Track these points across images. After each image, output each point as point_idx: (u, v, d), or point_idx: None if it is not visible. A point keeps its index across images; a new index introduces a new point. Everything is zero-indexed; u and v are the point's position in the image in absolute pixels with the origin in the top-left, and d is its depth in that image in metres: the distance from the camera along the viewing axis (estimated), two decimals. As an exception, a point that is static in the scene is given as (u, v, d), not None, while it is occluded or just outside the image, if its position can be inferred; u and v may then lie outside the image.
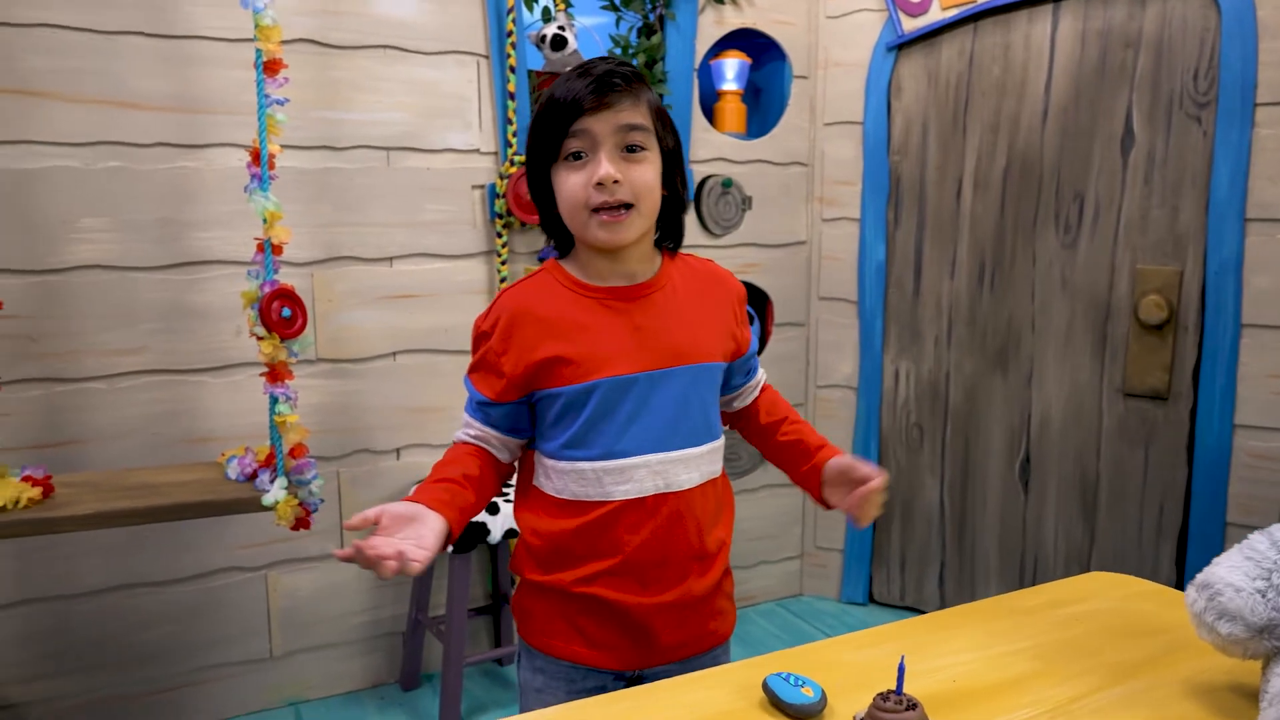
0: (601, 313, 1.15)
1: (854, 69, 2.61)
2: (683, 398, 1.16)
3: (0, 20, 1.79)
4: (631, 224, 1.11)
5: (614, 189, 1.08)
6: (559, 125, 1.09)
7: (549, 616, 1.19)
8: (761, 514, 2.78)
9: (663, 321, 1.16)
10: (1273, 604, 0.89)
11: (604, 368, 1.13)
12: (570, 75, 1.10)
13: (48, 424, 1.91)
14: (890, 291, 2.68)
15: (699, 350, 1.17)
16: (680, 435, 1.16)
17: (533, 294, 1.17)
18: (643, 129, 1.10)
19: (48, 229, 1.88)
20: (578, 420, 1.14)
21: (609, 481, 1.14)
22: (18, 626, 1.94)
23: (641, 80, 1.12)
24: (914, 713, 0.80)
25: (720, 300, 1.23)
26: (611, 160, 1.09)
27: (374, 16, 2.11)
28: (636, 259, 1.17)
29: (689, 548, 1.18)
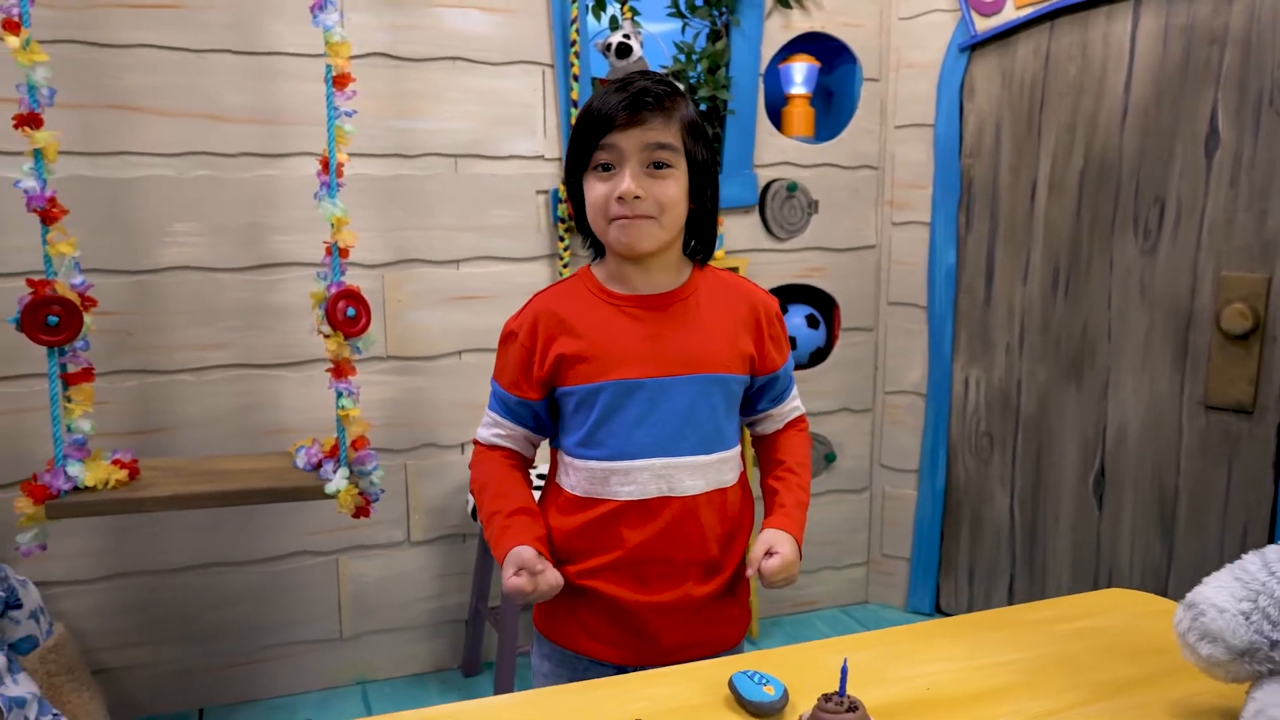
0: (620, 318, 1.20)
1: (926, 70, 2.57)
2: (691, 406, 1.20)
3: (104, 42, 1.96)
4: (649, 232, 1.16)
5: (635, 204, 1.14)
6: (591, 137, 1.16)
7: (557, 606, 1.24)
8: (826, 518, 2.77)
9: (680, 331, 1.21)
10: (1256, 627, 0.86)
11: (614, 370, 1.18)
12: (609, 89, 1.16)
13: (141, 412, 2.08)
14: (961, 297, 2.62)
15: (712, 361, 1.21)
16: (687, 442, 1.20)
17: (560, 297, 1.25)
18: (670, 147, 1.15)
19: (144, 233, 2.04)
20: (588, 419, 1.20)
21: (614, 481, 1.19)
22: (113, 598, 2.11)
23: (677, 97, 1.17)
24: (854, 714, 0.81)
25: (744, 315, 1.25)
26: (635, 176, 1.14)
27: (444, 30, 2.20)
28: (660, 267, 1.22)
29: (692, 553, 1.21)
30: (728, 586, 1.25)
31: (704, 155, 1.22)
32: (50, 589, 2.04)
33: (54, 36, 1.89)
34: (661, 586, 1.19)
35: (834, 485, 2.76)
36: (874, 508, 2.82)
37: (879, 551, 2.83)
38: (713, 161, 1.25)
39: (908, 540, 2.78)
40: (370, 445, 1.94)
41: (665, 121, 1.15)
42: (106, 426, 2.01)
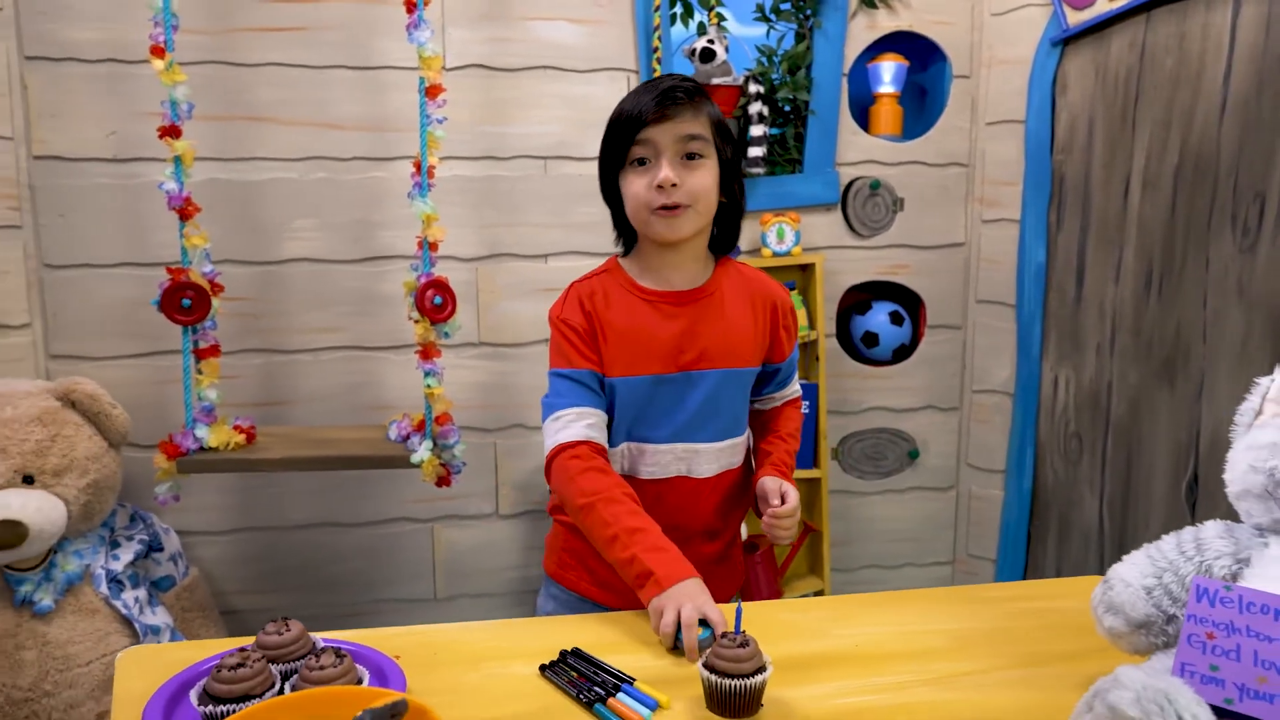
0: (653, 316, 1.30)
1: (1017, 66, 2.54)
2: (713, 398, 1.30)
3: (239, 62, 2.24)
4: (687, 220, 1.25)
5: (672, 191, 1.23)
6: (626, 135, 1.25)
7: (567, 551, 1.38)
8: (909, 515, 2.77)
9: (707, 326, 1.30)
10: (1156, 601, 0.89)
11: (648, 365, 1.28)
12: (638, 90, 1.27)
13: (264, 387, 2.36)
14: (1050, 296, 2.58)
15: (734, 356, 1.31)
16: (706, 431, 1.31)
17: (599, 290, 1.34)
18: (701, 139, 1.24)
19: (269, 229, 2.31)
20: (620, 408, 1.30)
21: (639, 462, 1.31)
22: (240, 549, 2.41)
23: (702, 94, 1.27)
24: (745, 649, 0.90)
25: (764, 309, 1.35)
26: (672, 165, 1.23)
27: (536, 41, 2.37)
28: (691, 257, 1.31)
29: (699, 523, 1.33)
30: (725, 549, 1.36)
31: (730, 153, 1.31)
32: (187, 537, 2.35)
33: (197, 58, 2.18)
34: None
35: (918, 482, 2.76)
36: (960, 507, 2.81)
37: (964, 551, 2.81)
38: (738, 160, 1.34)
39: (993, 541, 2.75)
40: (454, 421, 2.13)
41: (694, 115, 1.24)
42: (236, 397, 2.29)
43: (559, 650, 1.03)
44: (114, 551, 2.11)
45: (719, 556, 1.38)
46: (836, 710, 0.92)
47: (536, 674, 0.99)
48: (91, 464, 2.02)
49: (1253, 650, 0.82)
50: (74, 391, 2.03)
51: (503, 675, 0.99)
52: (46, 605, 1.95)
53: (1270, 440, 0.91)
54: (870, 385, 2.70)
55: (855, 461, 2.73)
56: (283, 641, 0.94)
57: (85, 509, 2.01)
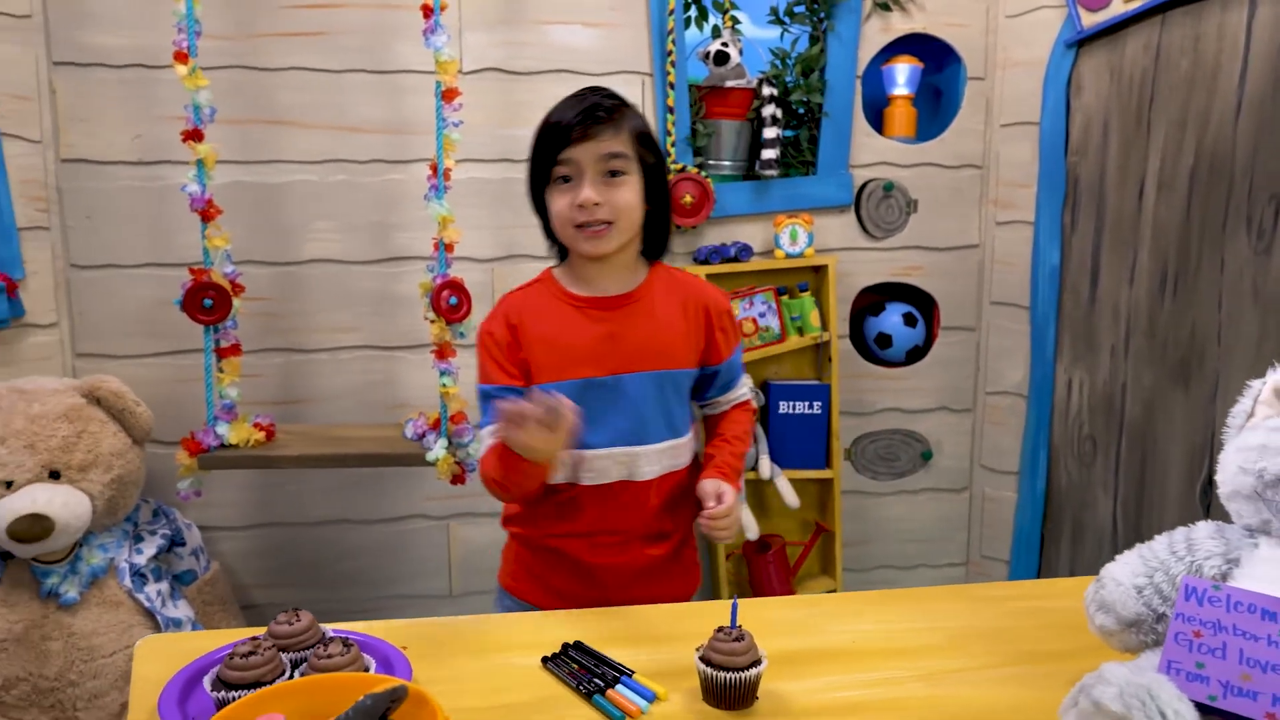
0: (581, 320, 1.32)
1: (1032, 68, 2.54)
2: (649, 399, 1.33)
3: (260, 66, 2.29)
4: (611, 237, 1.29)
5: (594, 210, 1.26)
6: (549, 153, 1.29)
7: (519, 564, 1.42)
8: (922, 516, 2.78)
9: (637, 329, 1.32)
10: (1146, 600, 0.91)
11: (576, 368, 1.30)
12: (563, 106, 1.29)
13: (284, 385, 2.40)
14: (1065, 297, 2.57)
15: (667, 357, 1.34)
16: (645, 433, 1.33)
17: (527, 300, 1.38)
18: (622, 156, 1.27)
19: (289, 230, 2.35)
20: None
21: (580, 469, 1.33)
22: (258, 544, 2.45)
23: (625, 109, 1.29)
24: (741, 643, 0.92)
25: (696, 312, 1.37)
26: (593, 185, 1.26)
27: (551, 45, 2.40)
28: (620, 267, 1.34)
29: (644, 527, 1.36)
30: (675, 550, 1.40)
31: (654, 160, 1.33)
32: (209, 532, 2.40)
33: (220, 63, 2.22)
34: (616, 553, 1.34)
35: (931, 484, 2.77)
36: (973, 508, 2.81)
37: (978, 553, 2.81)
38: (663, 165, 1.36)
39: (1007, 543, 2.75)
40: (469, 420, 2.16)
41: (615, 132, 1.27)
42: (256, 396, 2.34)
43: (561, 643, 1.05)
44: (137, 545, 2.17)
45: (669, 558, 1.41)
46: (830, 704, 0.94)
47: (539, 666, 1.02)
48: (116, 460, 2.07)
49: (1238, 649, 0.83)
50: (99, 389, 2.08)
51: (506, 666, 1.02)
52: (72, 597, 2.00)
53: (1260, 442, 0.92)
54: (884, 386, 2.70)
55: (869, 462, 2.74)
56: (293, 631, 0.97)
57: (110, 504, 2.06)
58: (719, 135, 2.52)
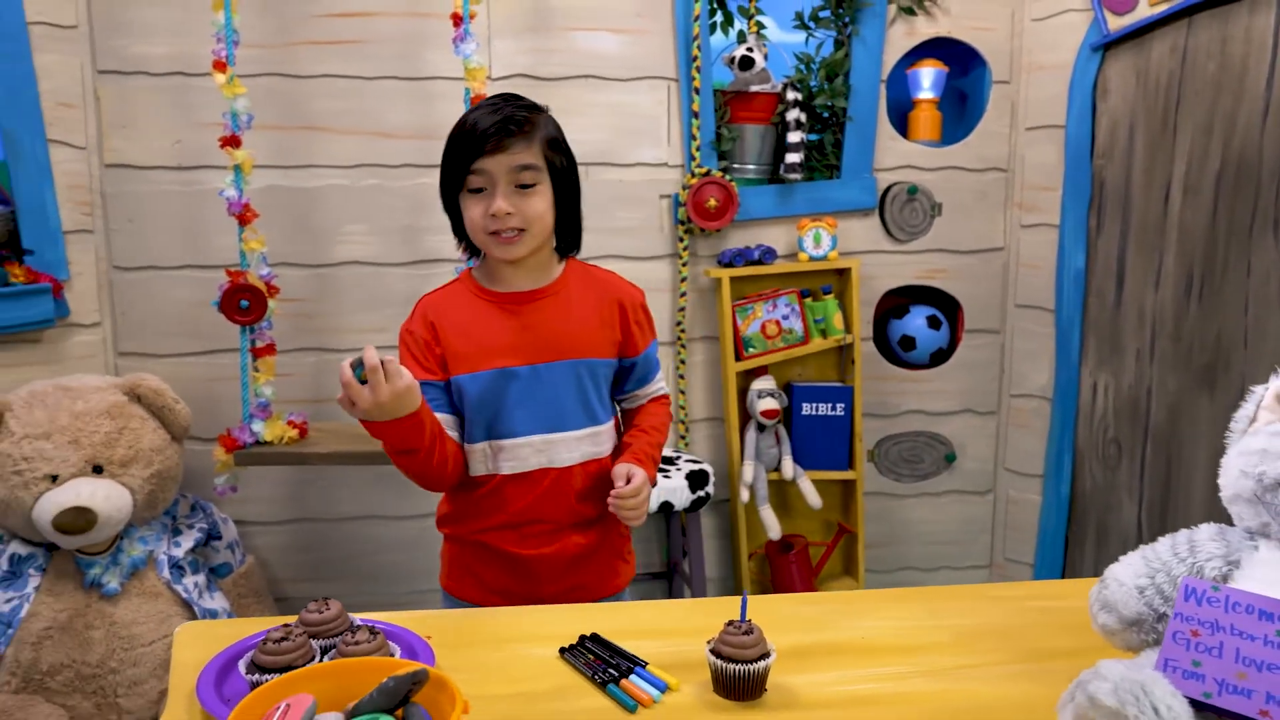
0: (497, 314, 1.37)
1: (1058, 71, 2.55)
2: (566, 387, 1.38)
3: (296, 74, 2.35)
4: (523, 244, 1.33)
5: (506, 219, 1.30)
6: (463, 162, 1.30)
7: (455, 563, 1.47)
8: (946, 518, 2.79)
9: (551, 322, 1.37)
10: (1147, 600, 0.93)
11: (492, 360, 1.35)
12: (476, 114, 1.32)
13: (316, 384, 2.46)
14: (1090, 301, 2.57)
15: (584, 347, 1.38)
16: (563, 419, 1.38)
17: (445, 299, 1.41)
18: (533, 167, 1.31)
19: (323, 233, 2.42)
20: (474, 405, 1.36)
21: (501, 458, 1.37)
22: (292, 539, 2.52)
23: (537, 117, 1.34)
24: (751, 636, 0.96)
25: (610, 306, 1.42)
26: (505, 196, 1.29)
27: (578, 51, 2.45)
28: (534, 267, 1.39)
29: (568, 514, 1.39)
30: (603, 537, 1.44)
31: (564, 163, 1.37)
32: (244, 527, 2.47)
33: (257, 71, 2.29)
34: (541, 542, 1.38)
35: (955, 486, 2.78)
36: (997, 511, 2.81)
37: (1001, 555, 2.82)
38: (573, 168, 1.41)
39: (1031, 545, 2.75)
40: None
41: (527, 144, 1.30)
42: (290, 394, 2.40)
43: (578, 635, 1.09)
44: (176, 539, 2.24)
45: (595, 547, 1.44)
46: (836, 696, 0.97)
47: (556, 656, 1.06)
48: (156, 455, 2.14)
49: (1235, 648, 0.85)
50: (140, 387, 2.15)
51: (525, 656, 1.06)
52: (113, 588, 2.07)
53: (1261, 446, 0.93)
54: (907, 389, 2.72)
55: (892, 464, 2.75)
56: (323, 619, 1.02)
57: (150, 498, 2.13)
58: (743, 139, 2.55)
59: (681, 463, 2.41)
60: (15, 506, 2.00)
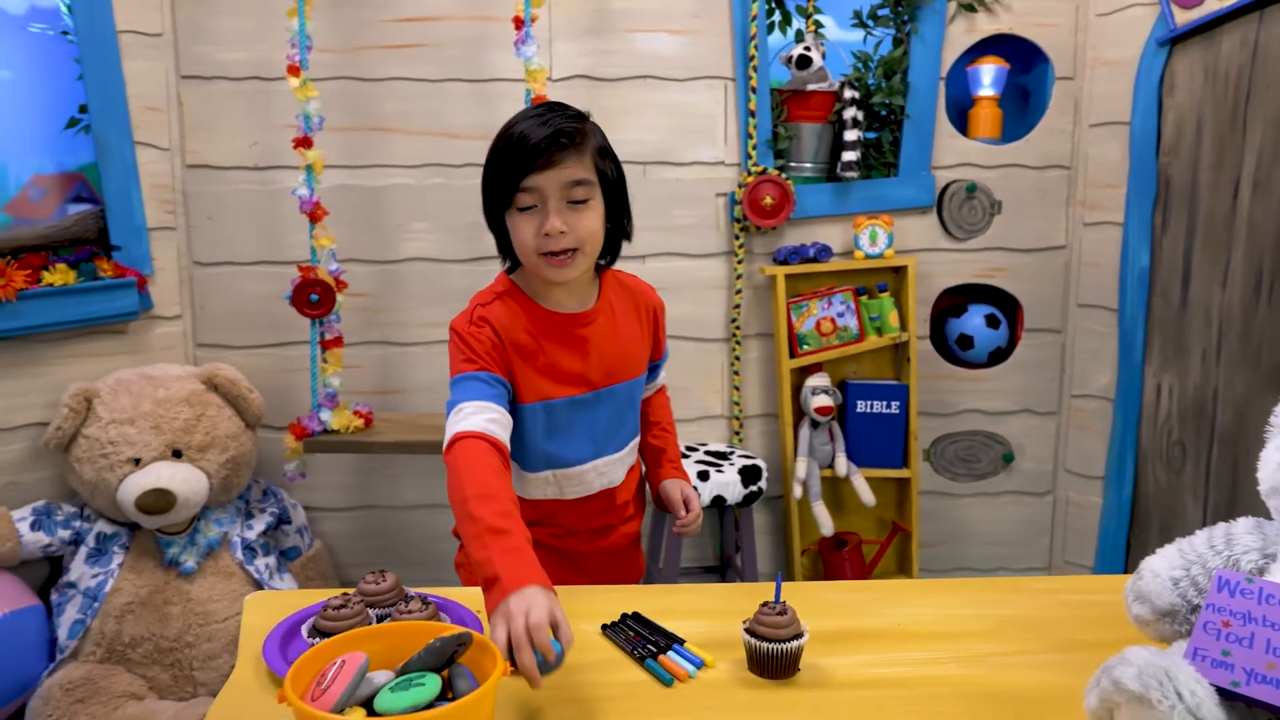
0: (559, 340, 1.31)
1: (1123, 67, 2.51)
2: (621, 409, 1.39)
3: (366, 77, 2.44)
4: (576, 265, 1.25)
5: (560, 239, 1.22)
6: (512, 179, 1.22)
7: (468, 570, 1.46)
8: (1004, 519, 2.76)
9: (607, 345, 1.34)
10: (1181, 592, 0.93)
11: (560, 390, 1.31)
12: (523, 127, 1.24)
13: (382, 375, 2.55)
14: (1154, 300, 2.53)
15: (633, 367, 1.39)
16: (618, 440, 1.40)
17: (506, 315, 1.29)
18: (586, 182, 1.23)
19: (389, 230, 2.51)
20: (538, 434, 1.32)
21: (565, 487, 1.37)
22: (358, 525, 2.61)
23: (586, 129, 1.26)
24: (785, 617, 0.99)
25: (646, 316, 1.42)
26: (558, 213, 1.21)
27: (637, 52, 2.49)
28: (581, 284, 1.33)
29: (619, 517, 1.44)
30: (636, 531, 1.49)
31: (614, 173, 1.30)
32: (312, 512, 2.57)
33: (328, 75, 2.39)
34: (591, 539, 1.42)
35: (1012, 486, 2.75)
36: (1057, 513, 2.78)
37: (1061, 558, 2.78)
38: (622, 178, 1.33)
39: (1091, 548, 2.71)
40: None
41: (578, 157, 1.22)
42: (357, 385, 2.50)
43: (620, 613, 1.13)
44: (249, 522, 2.35)
45: (634, 539, 1.49)
46: (868, 678, 1.00)
47: (599, 632, 1.10)
48: (231, 442, 2.25)
49: (1266, 639, 0.85)
50: (216, 376, 2.27)
51: (569, 632, 1.10)
52: (190, 566, 2.18)
53: (1300, 440, 0.93)
54: (964, 388, 2.70)
55: (948, 463, 2.74)
56: (379, 590, 1.08)
57: (225, 482, 2.24)
58: (800, 138, 2.57)
59: (735, 458, 2.44)
60: (102, 488, 2.13)
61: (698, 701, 0.96)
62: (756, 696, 0.97)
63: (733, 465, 2.38)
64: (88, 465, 2.13)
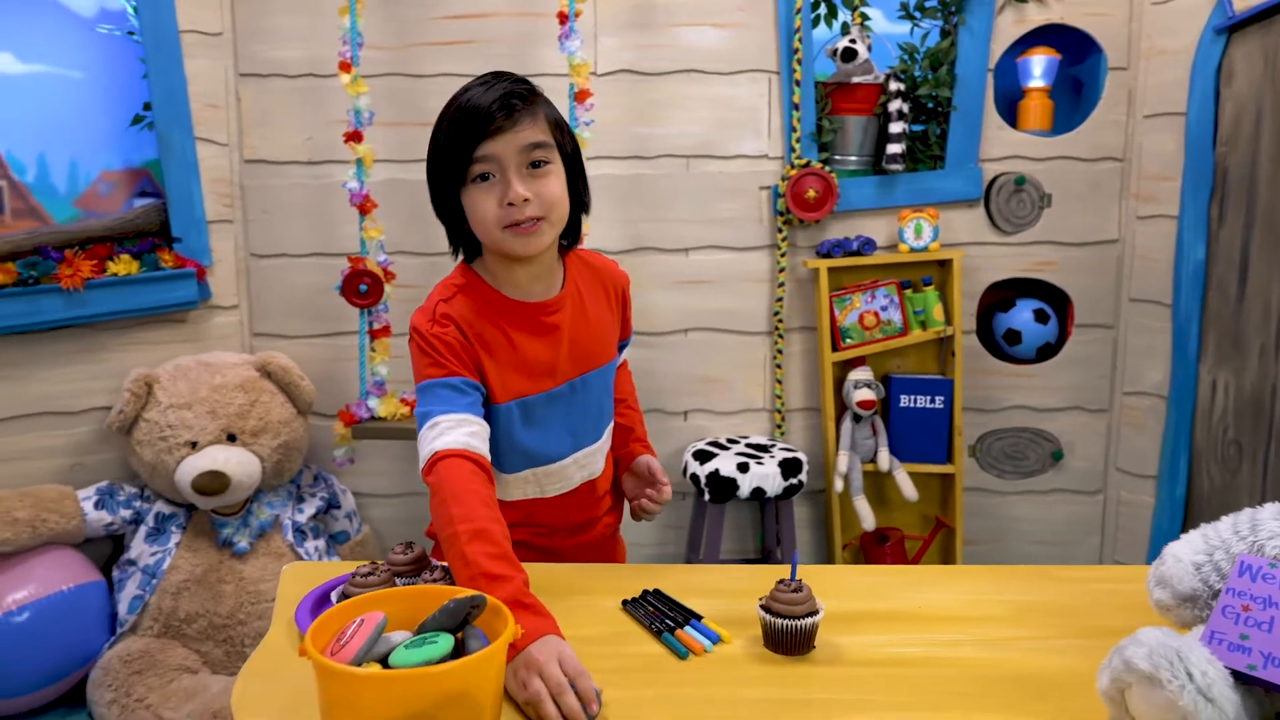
0: (529, 332, 1.23)
1: (1178, 56, 2.45)
2: (596, 396, 1.32)
3: (415, 73, 2.50)
4: (543, 234, 1.17)
5: (525, 206, 1.14)
6: (464, 149, 1.14)
7: None
8: (1052, 518, 2.72)
9: (579, 332, 1.27)
10: (1203, 577, 0.92)
11: (535, 385, 1.24)
12: (472, 94, 1.17)
13: (429, 365, 2.61)
14: (1210, 295, 2.46)
15: (605, 352, 1.32)
16: (597, 429, 1.34)
17: (469, 310, 1.22)
18: (544, 145, 1.16)
19: (436, 223, 2.54)
20: (514, 434, 1.25)
21: (546, 484, 1.31)
22: (405, 511, 2.67)
23: (536, 93, 1.21)
24: (800, 594, 0.99)
25: (614, 296, 1.35)
26: (520, 179, 1.14)
27: (681, 46, 2.51)
28: (547, 264, 1.25)
29: (596, 510, 1.40)
30: (617, 518, 1.47)
31: (571, 147, 1.23)
32: (361, 498, 2.64)
33: (380, 71, 2.45)
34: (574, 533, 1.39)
35: (1061, 485, 2.70)
36: (1107, 512, 2.72)
37: (1111, 558, 2.72)
38: (578, 151, 1.26)
39: (1143, 548, 2.65)
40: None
41: (533, 120, 1.15)
42: (403, 374, 2.52)
43: (641, 590, 1.15)
44: (299, 505, 2.42)
45: (614, 527, 1.46)
46: (884, 657, 1.00)
47: (619, 607, 1.12)
48: (283, 427, 2.32)
49: (1286, 622, 0.84)
50: (270, 364, 2.34)
51: (591, 605, 1.13)
52: (243, 547, 2.26)
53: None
54: (1011, 383, 2.66)
55: (994, 460, 2.70)
56: (406, 560, 1.11)
57: (277, 466, 2.32)
58: (845, 131, 2.56)
59: (775, 451, 2.44)
60: (160, 469, 2.22)
61: (711, 674, 0.97)
62: (769, 671, 0.98)
63: (773, 458, 2.38)
64: (148, 448, 2.22)
